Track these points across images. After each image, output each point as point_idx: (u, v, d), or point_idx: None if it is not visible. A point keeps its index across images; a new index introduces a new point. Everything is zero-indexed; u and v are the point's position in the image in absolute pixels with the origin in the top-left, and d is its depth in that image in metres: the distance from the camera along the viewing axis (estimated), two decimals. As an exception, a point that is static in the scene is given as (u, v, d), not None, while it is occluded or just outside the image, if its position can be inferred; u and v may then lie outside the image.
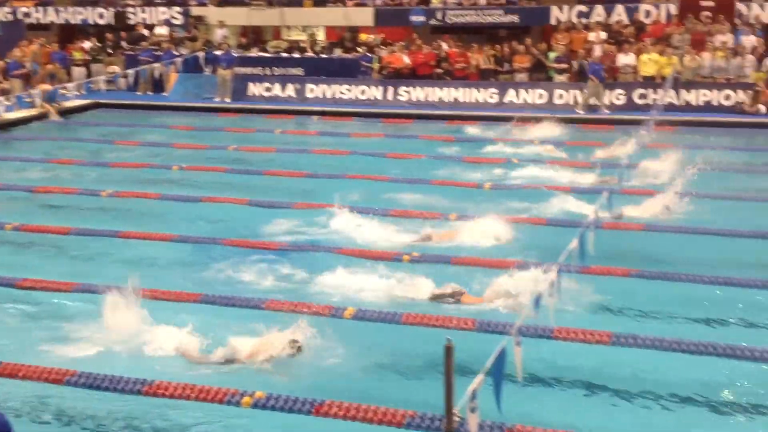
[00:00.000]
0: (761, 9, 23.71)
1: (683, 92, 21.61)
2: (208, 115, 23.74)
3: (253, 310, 9.32)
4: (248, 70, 26.02)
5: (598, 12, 25.16)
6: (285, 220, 13.01)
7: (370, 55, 25.55)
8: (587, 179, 15.30)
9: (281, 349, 8.05)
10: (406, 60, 24.58)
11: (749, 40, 21.97)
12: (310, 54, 26.85)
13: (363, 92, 24.44)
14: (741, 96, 21.06)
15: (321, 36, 30.43)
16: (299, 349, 8.09)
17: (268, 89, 25.25)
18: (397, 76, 24.50)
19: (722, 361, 8.05)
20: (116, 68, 27.04)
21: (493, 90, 23.30)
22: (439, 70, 24.32)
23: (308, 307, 9.29)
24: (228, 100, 25.12)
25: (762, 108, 20.56)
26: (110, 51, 27.97)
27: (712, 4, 23.95)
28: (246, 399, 7.27)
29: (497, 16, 26.34)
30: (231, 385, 7.39)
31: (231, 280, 10.60)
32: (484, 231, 11.94)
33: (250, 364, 8.05)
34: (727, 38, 22.36)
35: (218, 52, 25.75)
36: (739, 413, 7.39)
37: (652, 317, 9.32)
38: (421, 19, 27.00)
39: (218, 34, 27.47)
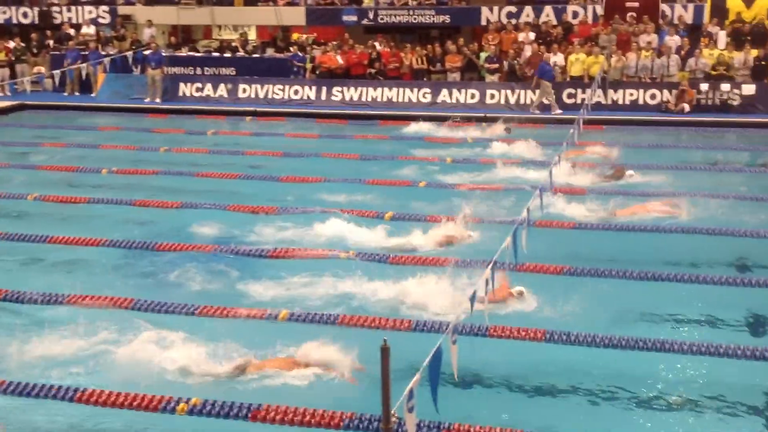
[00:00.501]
0: (684, 10, 24.39)
1: (610, 92, 22.08)
2: (138, 116, 23.31)
3: (187, 317, 9.19)
4: (179, 70, 25.64)
5: (527, 13, 25.52)
6: (218, 222, 12.84)
7: (302, 54, 25.44)
8: (521, 178, 15.49)
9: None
10: (339, 60, 24.55)
11: (673, 40, 22.56)
12: (241, 53, 26.60)
13: (296, 92, 24.32)
14: (666, 95, 21.62)
15: (252, 35, 30.15)
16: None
17: (199, 89, 24.91)
18: (331, 76, 24.45)
19: (651, 355, 8.25)
20: (42, 69, 26.34)
21: (426, 90, 23.44)
22: (372, 70, 24.36)
23: (243, 311, 9.21)
24: (158, 100, 24.70)
25: (686, 107, 21.14)
26: (35, 51, 27.20)
27: (636, 5, 24.52)
28: (182, 405, 7.17)
29: (429, 17, 26.50)
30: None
31: (164, 284, 10.42)
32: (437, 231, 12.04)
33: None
34: (652, 38, 22.93)
35: (147, 52, 25.29)
36: (666, 406, 7.59)
37: (584, 314, 9.46)
38: (353, 18, 27.00)
39: (146, 33, 26.98)
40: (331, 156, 17.79)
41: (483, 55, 23.79)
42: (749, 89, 21.06)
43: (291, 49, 26.15)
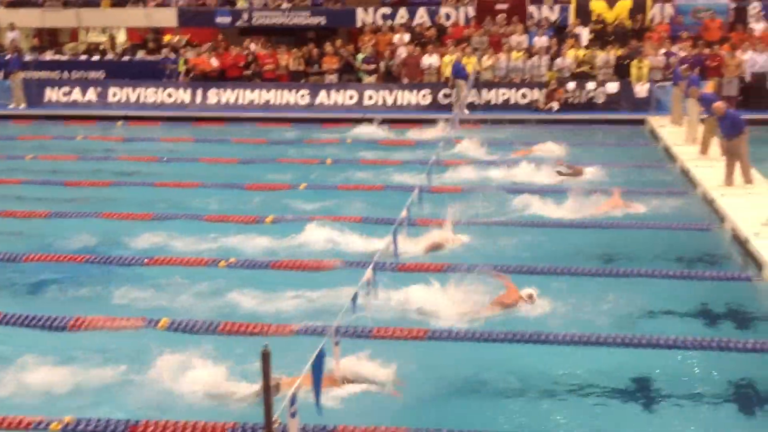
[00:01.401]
0: (551, 11, 25.29)
1: (484, 91, 22.60)
2: (1, 123, 22.20)
3: (60, 332, 8.82)
4: (44, 74, 24.57)
5: (402, 14, 25.84)
6: (89, 231, 12.37)
7: (175, 57, 24.84)
8: (401, 177, 15.61)
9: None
10: (214, 62, 24.13)
11: (541, 41, 23.34)
12: (111, 56, 25.73)
13: (170, 95, 23.75)
14: (536, 94, 22.34)
15: (122, 37, 29.23)
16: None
17: (66, 94, 23.96)
18: (205, 79, 23.99)
19: (536, 348, 8.45)
20: None
21: (304, 91, 23.36)
22: (248, 72, 24.05)
23: (123, 321, 8.91)
24: (23, 106, 23.60)
25: (555, 105, 21.90)
26: None
27: (505, 6, 25.25)
28: (54, 425, 6.86)
29: (304, 18, 26.43)
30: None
31: (34, 296, 9.96)
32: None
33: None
34: (522, 39, 23.65)
35: (8, 57, 24.11)
36: (536, 399, 7.79)
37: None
38: (227, 20, 26.60)
39: (9, 36, 25.73)
40: (208, 160, 17.46)
41: (360, 56, 23.91)
42: (613, 87, 22.02)
43: (163, 51, 25.50)
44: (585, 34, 23.65)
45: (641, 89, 21.71)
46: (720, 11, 23.98)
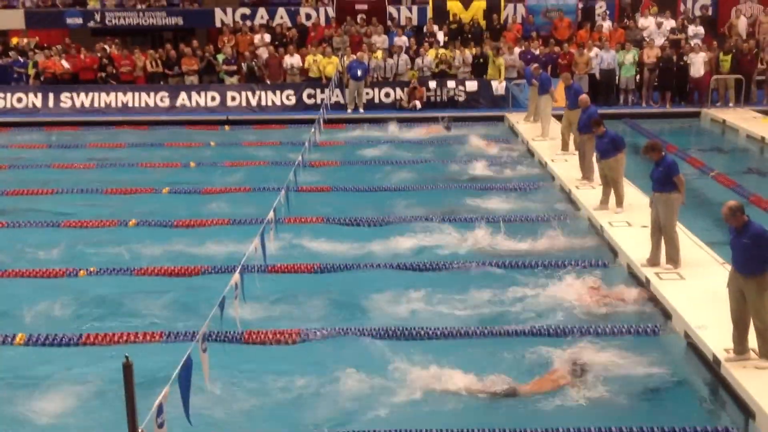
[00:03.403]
0: (410, 12, 25.70)
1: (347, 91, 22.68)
2: None
3: None
4: None
5: (261, 14, 25.59)
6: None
7: (24, 60, 23.63)
8: (266, 179, 15.45)
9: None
10: (66, 65, 23.12)
11: (401, 41, 23.69)
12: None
13: (19, 100, 22.57)
14: (399, 93, 22.64)
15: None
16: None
17: None
18: (56, 82, 22.95)
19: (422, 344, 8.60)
20: None
21: (164, 93, 22.71)
22: (103, 74, 23.17)
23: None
24: None
25: (417, 104, 22.27)
26: None
27: (365, 7, 25.47)
28: None
29: (160, 18, 25.73)
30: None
31: None
32: None
33: None
34: (382, 39, 23.92)
35: None
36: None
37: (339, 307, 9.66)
38: (78, 21, 25.55)
39: None
40: (63, 166, 16.75)
41: (220, 57, 23.51)
42: (472, 86, 22.61)
43: (10, 54, 24.19)
44: (440, 35, 24.17)
45: (499, 87, 22.40)
46: (568, 11, 25.08)
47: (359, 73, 21.95)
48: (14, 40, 26.13)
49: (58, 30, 26.14)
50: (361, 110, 22.10)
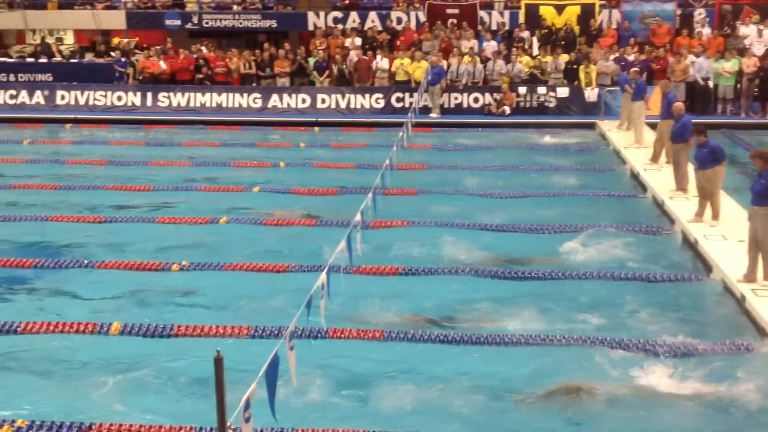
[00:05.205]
0: (501, 16, 25.53)
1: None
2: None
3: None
4: (-10, 77, 24.04)
5: (353, 18, 25.86)
6: (38, 235, 12.16)
7: (125, 60, 24.49)
8: (354, 180, 15.57)
9: None
10: (163, 65, 23.84)
11: (491, 46, 23.54)
12: (58, 59, 25.26)
13: (120, 98, 23.37)
14: (488, 98, 22.50)
15: (70, 40, 28.74)
16: None
17: (13, 96, 23.43)
18: (155, 82, 23.69)
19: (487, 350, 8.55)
20: None
21: (256, 95, 23.16)
22: (199, 75, 23.80)
23: (71, 325, 8.79)
24: (-32, 109, 23.05)
25: (507, 109, 22.10)
26: None
27: (456, 12, 25.42)
28: (6, 428, 6.73)
29: (255, 21, 26.28)
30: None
31: None
32: None
33: None
34: (472, 44, 23.82)
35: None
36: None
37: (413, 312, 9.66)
38: (177, 23, 26.33)
39: (-49, 38, 25.17)
40: (159, 164, 17.28)
41: (312, 60, 23.85)
42: (563, 92, 22.29)
43: (112, 54, 25.12)
44: (534, 40, 23.93)
45: (591, 94, 22.03)
46: (666, 18, 24.47)
47: (431, 77, 21.91)
48: (116, 40, 27.08)
49: (158, 31, 26.95)
50: (433, 114, 21.96)
